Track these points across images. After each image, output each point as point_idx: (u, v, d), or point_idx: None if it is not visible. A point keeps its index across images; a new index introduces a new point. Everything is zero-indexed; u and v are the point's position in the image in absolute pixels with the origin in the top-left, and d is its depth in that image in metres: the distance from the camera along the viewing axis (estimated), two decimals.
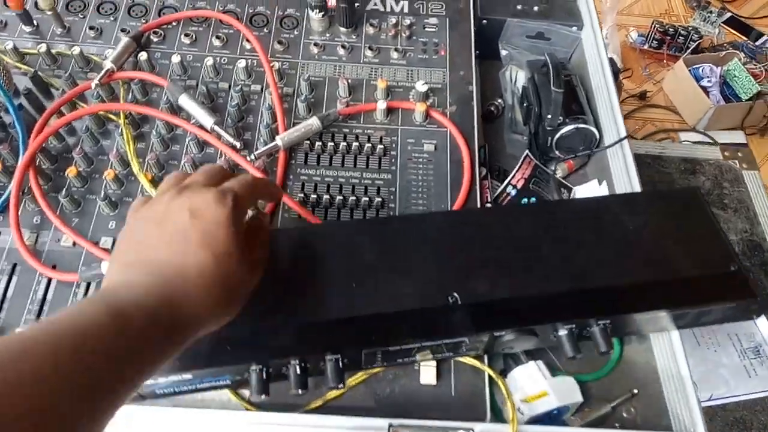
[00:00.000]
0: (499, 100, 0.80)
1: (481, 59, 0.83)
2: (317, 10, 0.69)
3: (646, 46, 2.07)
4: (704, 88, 1.86)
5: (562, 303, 0.49)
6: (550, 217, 0.55)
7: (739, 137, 1.89)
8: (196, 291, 0.38)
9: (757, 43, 2.11)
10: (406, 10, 0.74)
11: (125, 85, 0.65)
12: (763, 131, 1.88)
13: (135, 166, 0.60)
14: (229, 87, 0.67)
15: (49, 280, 0.54)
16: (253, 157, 0.60)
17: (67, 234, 0.57)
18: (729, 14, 2.19)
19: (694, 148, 1.12)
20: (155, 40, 0.70)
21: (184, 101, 0.62)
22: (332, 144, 0.63)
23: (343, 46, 0.70)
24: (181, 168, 0.61)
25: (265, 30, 0.71)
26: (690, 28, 2.05)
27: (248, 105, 0.66)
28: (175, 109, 0.64)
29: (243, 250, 0.41)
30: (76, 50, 0.66)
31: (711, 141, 1.86)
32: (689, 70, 1.88)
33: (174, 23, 0.71)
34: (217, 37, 0.70)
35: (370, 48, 0.70)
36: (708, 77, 1.88)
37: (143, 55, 0.66)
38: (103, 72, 0.63)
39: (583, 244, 0.52)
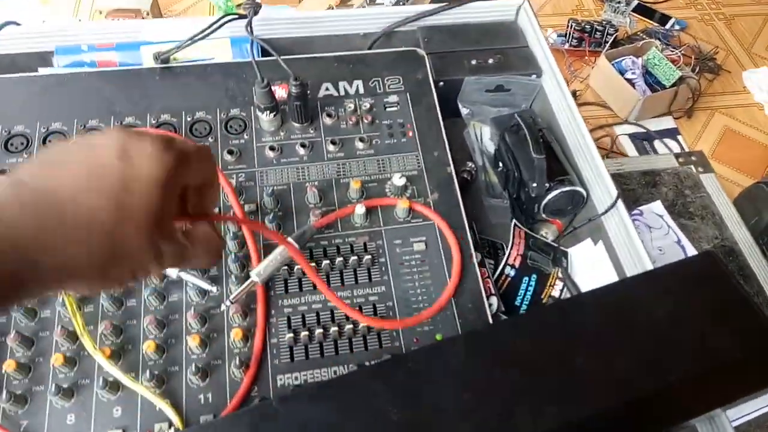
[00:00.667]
0: (470, 164, 0.75)
1: (443, 119, 0.78)
2: (267, 112, 0.61)
3: (567, 46, 2.10)
4: (629, 80, 1.90)
5: (611, 421, 0.44)
6: (575, 320, 0.50)
7: (668, 122, 1.95)
8: (68, 240, 0.29)
9: (666, 27, 2.19)
10: (361, 90, 0.68)
11: None
12: (689, 113, 1.95)
13: (87, 342, 0.50)
14: None
15: None
16: (228, 303, 0.52)
17: None
18: (636, 2, 2.26)
19: (649, 159, 1.12)
20: None
21: None
22: (313, 263, 0.56)
23: (302, 145, 0.63)
24: (143, 331, 0.52)
25: (210, 139, 0.63)
26: (604, 22, 2.10)
27: None
28: None
29: (160, 224, 0.32)
30: None
31: (644, 130, 1.91)
32: (612, 65, 1.92)
33: None
34: None
35: (333, 141, 0.63)
36: (631, 69, 1.92)
37: None
38: None
39: (621, 347, 0.48)
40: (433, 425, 0.44)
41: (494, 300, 0.59)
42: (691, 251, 1.00)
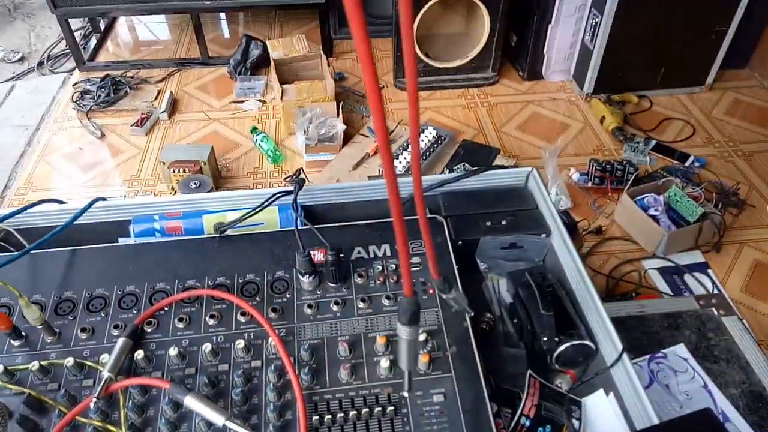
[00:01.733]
0: (488, 315, 0.82)
1: (462, 273, 0.87)
2: (307, 275, 0.72)
3: (589, 184, 2.22)
4: (653, 217, 1.98)
5: None
6: None
7: (697, 257, 1.98)
8: None
9: (687, 165, 2.30)
10: (388, 253, 0.78)
11: (124, 392, 0.64)
12: (717, 247, 1.99)
13: None
14: (230, 368, 0.67)
15: None
16: None
17: None
18: (654, 142, 2.40)
19: (671, 301, 1.17)
20: (149, 330, 0.70)
21: (190, 402, 0.61)
22: (341, 414, 0.62)
23: (336, 303, 0.72)
24: None
25: (257, 298, 0.73)
26: (624, 161, 2.23)
27: (251, 384, 0.66)
28: (179, 405, 0.62)
29: None
30: (70, 361, 0.65)
31: (674, 264, 1.94)
32: (635, 202, 2.01)
33: (167, 308, 0.72)
34: (211, 316, 0.71)
35: (363, 299, 0.72)
36: (654, 206, 2.01)
37: (139, 354, 0.66)
38: (101, 385, 0.62)
39: None
40: None
41: None
42: (719, 396, 1.00)
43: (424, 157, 2.19)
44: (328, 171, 2.19)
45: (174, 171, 2.05)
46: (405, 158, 2.17)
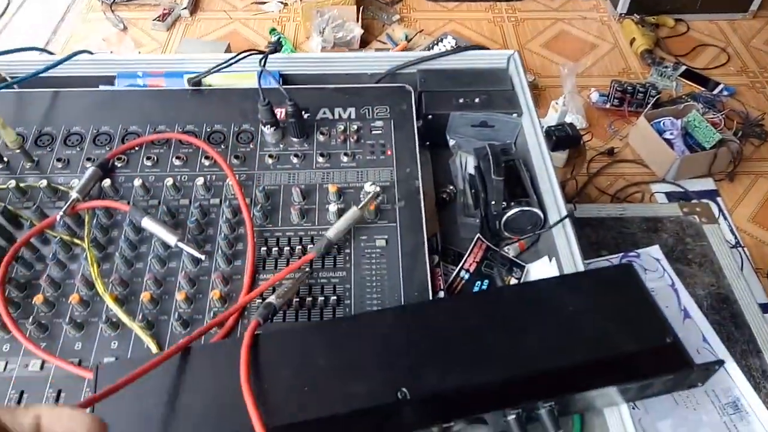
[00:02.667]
0: (451, 187, 0.84)
1: (432, 148, 0.89)
2: (269, 126, 0.74)
3: (608, 105, 2.16)
4: (668, 141, 1.93)
5: (506, 389, 0.51)
6: (495, 305, 0.58)
7: (708, 184, 1.94)
8: None
9: (714, 92, 2.21)
10: (353, 116, 0.80)
11: (90, 212, 0.69)
12: (731, 176, 1.94)
13: (99, 287, 0.63)
14: (189, 202, 0.71)
15: None
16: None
17: (39, 355, 0.59)
18: (684, 67, 2.30)
19: (654, 207, 1.16)
20: (119, 165, 0.75)
21: (147, 223, 0.66)
22: (288, 248, 0.67)
23: (296, 155, 0.75)
24: (144, 286, 0.65)
25: (222, 146, 0.77)
26: (648, 84, 2.15)
27: (208, 218, 0.70)
28: (139, 230, 0.68)
29: None
30: (44, 183, 0.70)
31: (682, 190, 1.91)
32: (651, 125, 1.96)
33: (137, 148, 0.76)
34: (177, 157, 0.75)
35: (322, 154, 0.75)
36: (670, 130, 1.96)
37: (107, 182, 0.71)
38: (68, 203, 0.67)
39: (527, 330, 0.55)
40: (353, 372, 0.52)
41: (441, 294, 0.67)
42: (684, 294, 1.02)
43: None
44: None
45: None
46: None
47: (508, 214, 0.73)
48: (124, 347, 0.61)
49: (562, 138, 1.53)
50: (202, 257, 0.65)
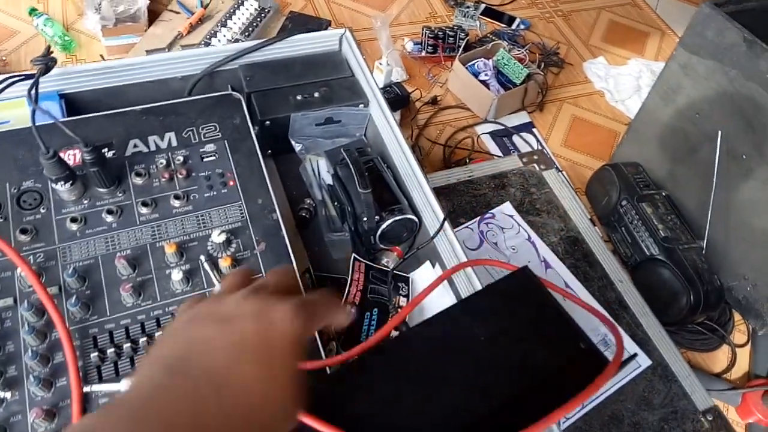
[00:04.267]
0: (308, 201, 0.74)
1: (275, 156, 0.77)
2: (61, 182, 0.56)
3: (423, 53, 2.16)
4: (484, 82, 2.00)
5: None
6: (399, 361, 0.50)
7: (524, 117, 2.06)
8: (225, 410, 0.30)
9: (513, 27, 2.32)
10: (174, 143, 0.64)
11: None
12: (540, 106, 2.08)
13: None
14: None
15: None
16: None
17: None
18: (484, 5, 2.38)
19: (497, 162, 1.18)
20: None
21: None
22: (129, 344, 0.52)
23: (109, 212, 0.58)
24: None
25: (0, 218, 0.56)
26: (455, 27, 2.18)
27: (2, 330, 0.51)
28: None
29: (297, 380, 0.34)
30: None
31: (503, 127, 2.01)
32: (467, 68, 2.00)
33: None
34: None
35: (145, 203, 0.59)
36: (484, 71, 2.02)
37: None
38: None
39: (443, 378, 0.48)
40: None
41: (333, 345, 0.58)
42: (541, 246, 1.06)
43: (246, 33, 1.95)
44: (135, 55, 1.87)
45: None
46: (224, 35, 1.91)
47: (383, 226, 0.66)
48: None
49: (392, 101, 1.48)
50: (8, 395, 0.47)
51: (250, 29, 2.01)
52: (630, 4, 2.59)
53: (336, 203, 0.71)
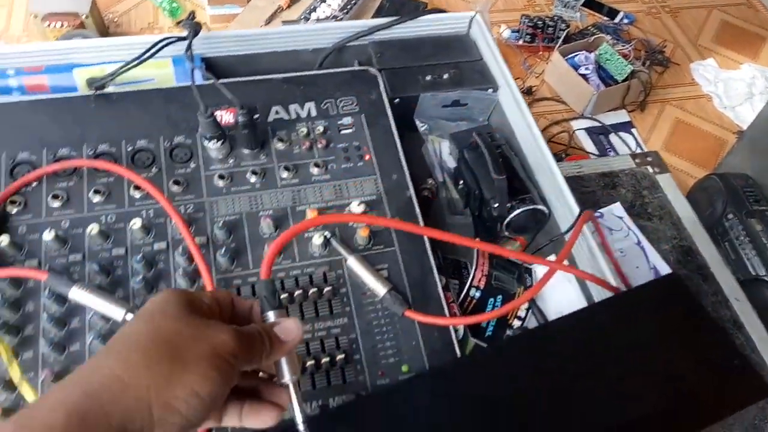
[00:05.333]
0: (430, 181, 0.73)
1: (399, 136, 0.76)
2: (214, 140, 0.58)
3: (520, 42, 2.11)
4: (583, 76, 1.93)
5: None
6: (538, 356, 0.49)
7: (623, 116, 1.98)
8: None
9: (615, 21, 2.22)
10: (314, 113, 0.65)
11: None
12: (642, 106, 1.99)
13: (27, 392, 0.46)
14: (127, 252, 0.55)
15: None
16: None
17: None
18: None
19: (607, 161, 1.13)
20: (14, 211, 0.55)
21: (78, 295, 0.49)
22: None
23: (254, 172, 0.60)
24: None
25: (153, 169, 0.59)
26: (556, 17, 2.11)
27: (156, 270, 0.54)
28: (66, 300, 0.51)
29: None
30: None
31: (600, 124, 1.93)
32: (566, 60, 1.93)
33: (35, 183, 0.57)
34: (96, 191, 0.56)
35: (286, 168, 0.60)
36: (584, 65, 1.95)
37: (4, 240, 0.52)
38: None
39: (583, 382, 0.47)
40: None
41: (460, 325, 0.58)
42: (651, 252, 1.01)
43: (345, 11, 1.96)
44: (236, 26, 1.92)
45: (50, 25, 1.71)
46: (323, 11, 1.93)
47: (512, 215, 0.64)
48: None
49: None
50: None
51: (349, 7, 2.02)
52: (745, 5, 2.42)
53: (460, 186, 0.70)
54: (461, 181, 0.70)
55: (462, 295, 0.62)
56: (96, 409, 0.27)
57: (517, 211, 0.64)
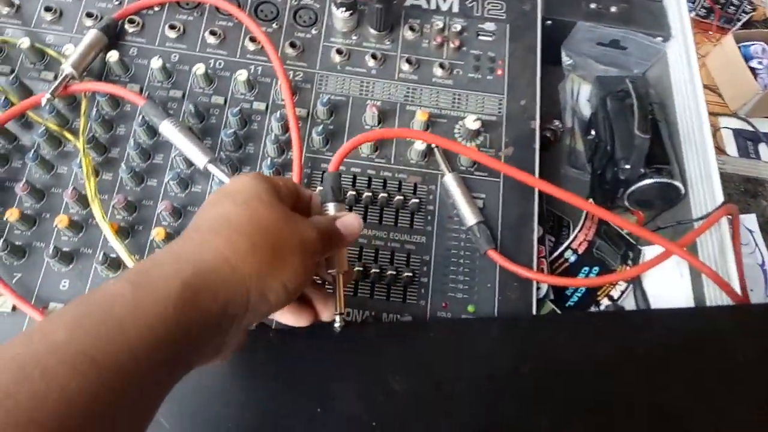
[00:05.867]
0: (557, 123, 0.65)
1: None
2: (343, 9, 0.53)
3: (693, 14, 1.86)
4: (753, 70, 1.68)
5: None
6: (630, 341, 0.42)
7: None
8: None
9: None
10: (455, 8, 0.58)
11: (89, 97, 0.50)
12: None
13: (97, 210, 0.46)
14: (225, 103, 0.52)
15: None
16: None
17: (8, 297, 0.44)
18: None
19: (757, 165, 0.98)
20: (131, 30, 0.54)
21: (168, 129, 0.47)
22: (352, 193, 0.49)
23: (373, 56, 0.54)
24: (156, 217, 0.48)
25: (274, 25, 0.55)
26: None
27: (249, 129, 0.52)
28: (156, 131, 0.49)
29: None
30: (26, 42, 0.50)
31: (752, 129, 1.70)
32: (739, 48, 1.69)
33: (156, 8, 0.55)
34: (212, 33, 0.54)
35: (408, 60, 0.55)
36: (759, 58, 1.69)
37: (113, 55, 0.51)
38: (58, 81, 0.48)
39: (682, 385, 0.40)
40: (436, 407, 0.39)
41: (543, 284, 0.51)
42: None
43: None
44: None
45: None
46: None
47: (641, 184, 0.56)
48: None
49: None
50: None
51: None
52: None
53: (589, 137, 0.62)
54: (592, 131, 0.61)
55: (555, 254, 0.55)
56: (206, 287, 0.28)
57: (649, 181, 0.55)
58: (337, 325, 0.38)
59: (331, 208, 0.39)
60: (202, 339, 0.28)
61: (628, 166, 0.55)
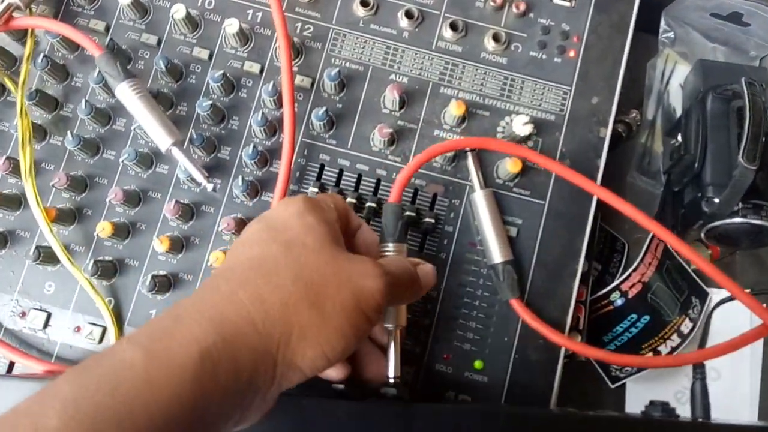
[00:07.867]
0: (634, 113, 0.52)
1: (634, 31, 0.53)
2: None
3: None
4: None
5: None
6: None
7: None
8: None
9: None
10: None
11: (33, 36, 0.40)
12: None
13: (30, 189, 0.37)
14: (210, 58, 0.41)
15: None
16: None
17: None
18: None
19: None
20: None
21: (126, 95, 0.37)
22: (353, 192, 0.39)
23: (408, 14, 0.41)
24: (107, 204, 0.39)
25: None
26: None
27: (235, 98, 0.41)
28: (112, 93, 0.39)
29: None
30: None
31: None
32: None
33: None
34: None
35: (454, 25, 0.41)
36: None
37: None
38: None
39: None
40: None
41: (577, 337, 0.41)
42: None
43: None
44: None
45: None
46: None
47: (728, 221, 0.43)
48: (63, 298, 0.38)
49: None
50: (209, 185, 0.37)
51: None
52: None
53: (674, 142, 0.48)
54: (679, 136, 0.48)
55: (600, 293, 0.45)
56: (228, 357, 0.24)
57: (740, 220, 0.42)
58: (390, 391, 0.32)
59: (391, 248, 0.33)
60: (222, 414, 0.25)
61: (717, 200, 0.42)
